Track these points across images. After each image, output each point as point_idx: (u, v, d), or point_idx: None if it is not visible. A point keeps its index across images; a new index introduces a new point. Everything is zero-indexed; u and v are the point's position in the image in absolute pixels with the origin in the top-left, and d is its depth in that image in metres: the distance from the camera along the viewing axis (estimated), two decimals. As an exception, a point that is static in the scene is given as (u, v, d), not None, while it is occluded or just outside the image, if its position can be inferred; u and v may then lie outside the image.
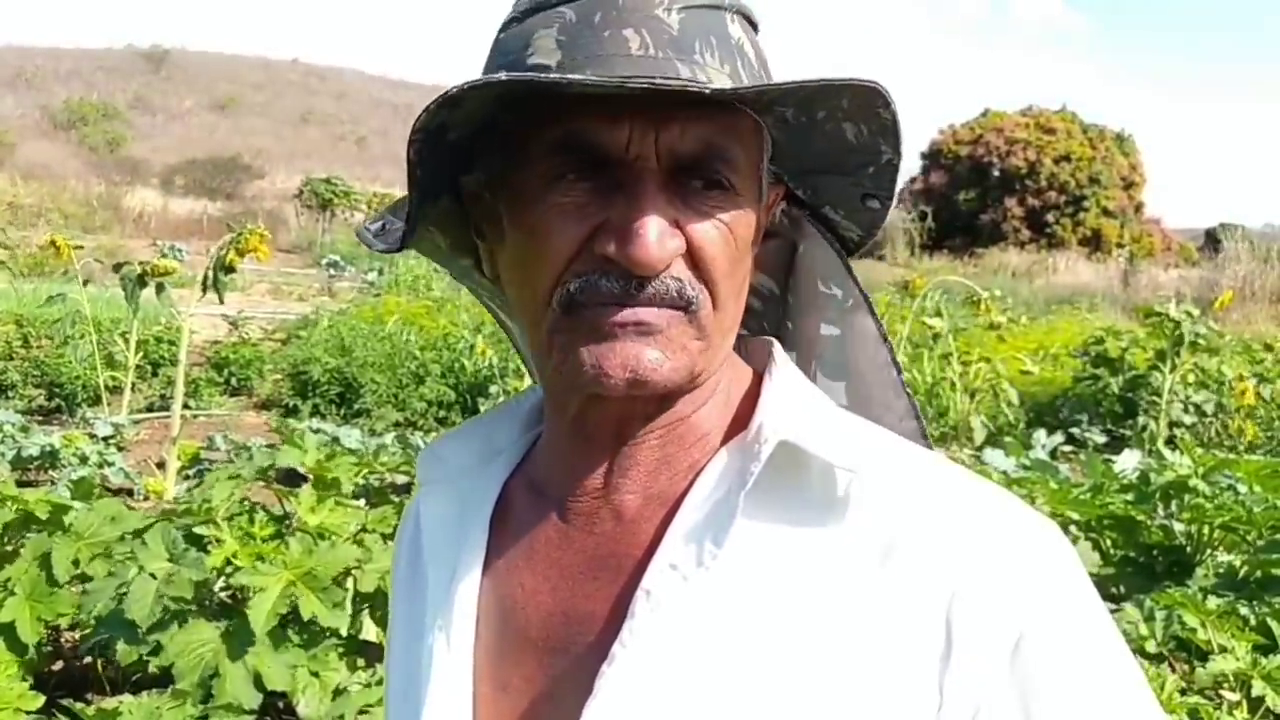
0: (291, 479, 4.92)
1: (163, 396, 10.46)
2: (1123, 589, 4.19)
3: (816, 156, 0.80)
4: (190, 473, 7.16)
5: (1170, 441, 9.48)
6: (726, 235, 0.74)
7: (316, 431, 7.92)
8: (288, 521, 3.71)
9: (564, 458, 0.82)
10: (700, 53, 0.71)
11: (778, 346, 0.84)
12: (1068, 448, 9.33)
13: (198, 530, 3.47)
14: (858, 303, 0.87)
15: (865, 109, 0.73)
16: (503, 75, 0.68)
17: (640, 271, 0.71)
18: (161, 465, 7.33)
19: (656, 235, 0.70)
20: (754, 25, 0.78)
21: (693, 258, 0.73)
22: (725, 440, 0.80)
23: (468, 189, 0.83)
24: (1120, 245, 44.16)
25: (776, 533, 0.73)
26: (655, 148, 0.71)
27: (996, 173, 46.41)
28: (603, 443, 0.80)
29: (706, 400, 0.80)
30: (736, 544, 0.73)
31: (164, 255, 9.22)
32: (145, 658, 3.27)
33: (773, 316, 0.93)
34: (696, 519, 0.75)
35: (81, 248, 9.94)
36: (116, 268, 8.15)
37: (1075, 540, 4.17)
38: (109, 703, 2.97)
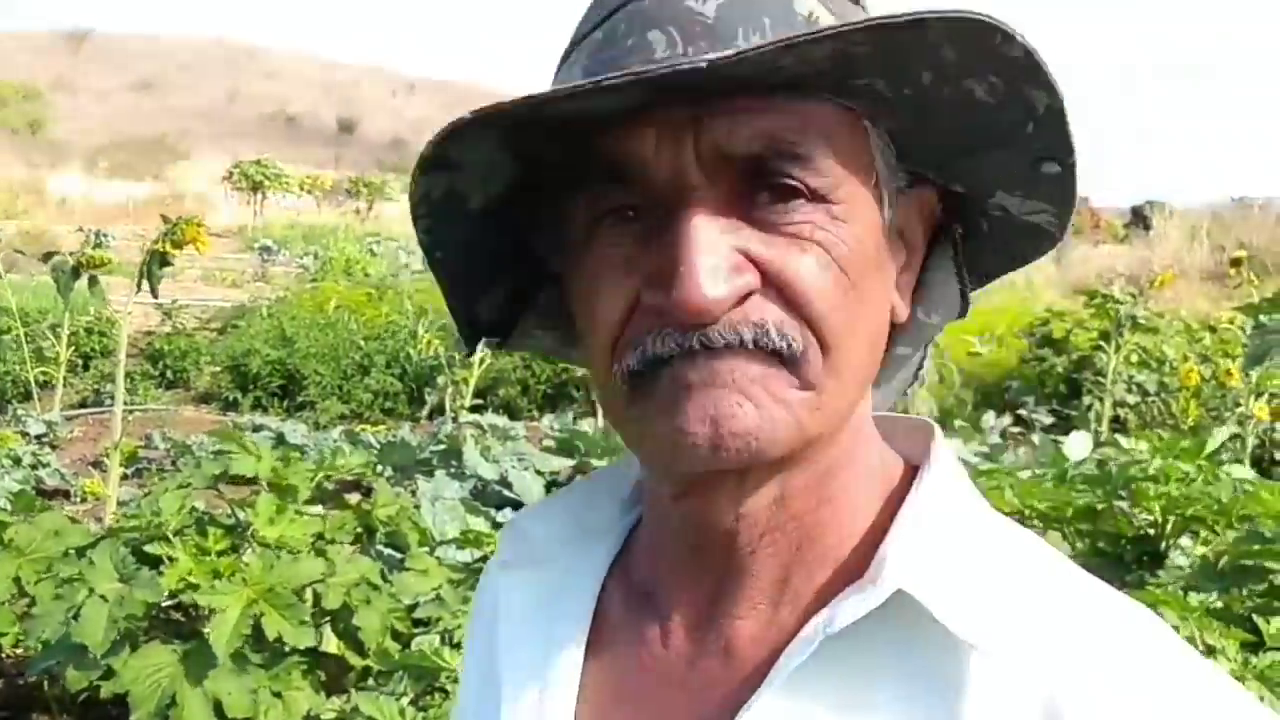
0: (238, 477, 4.73)
1: (96, 391, 10.16)
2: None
3: (952, 135, 0.62)
4: (128, 472, 6.92)
5: (1115, 421, 9.60)
6: (822, 258, 0.58)
7: (259, 428, 7.70)
8: (240, 529, 3.54)
9: (667, 560, 0.69)
10: (745, 38, 0.57)
11: (938, 435, 0.68)
12: (1015, 429, 9.39)
13: (147, 547, 3.29)
14: (936, 329, 0.72)
15: (981, 53, 0.55)
16: (467, 114, 0.55)
17: (694, 320, 0.57)
18: (98, 464, 7.08)
19: (707, 271, 0.56)
20: None
21: (780, 292, 0.58)
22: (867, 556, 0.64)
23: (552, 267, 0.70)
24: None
25: (881, 695, 0.60)
26: (696, 154, 0.58)
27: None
28: (709, 548, 0.66)
29: (837, 496, 0.65)
30: (827, 699, 0.59)
31: (96, 245, 8.90)
32: (96, 683, 3.11)
33: None
34: (796, 662, 0.60)
35: (-1, 238, 9.61)
36: (46, 258, 7.84)
37: (1043, 533, 4.14)
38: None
